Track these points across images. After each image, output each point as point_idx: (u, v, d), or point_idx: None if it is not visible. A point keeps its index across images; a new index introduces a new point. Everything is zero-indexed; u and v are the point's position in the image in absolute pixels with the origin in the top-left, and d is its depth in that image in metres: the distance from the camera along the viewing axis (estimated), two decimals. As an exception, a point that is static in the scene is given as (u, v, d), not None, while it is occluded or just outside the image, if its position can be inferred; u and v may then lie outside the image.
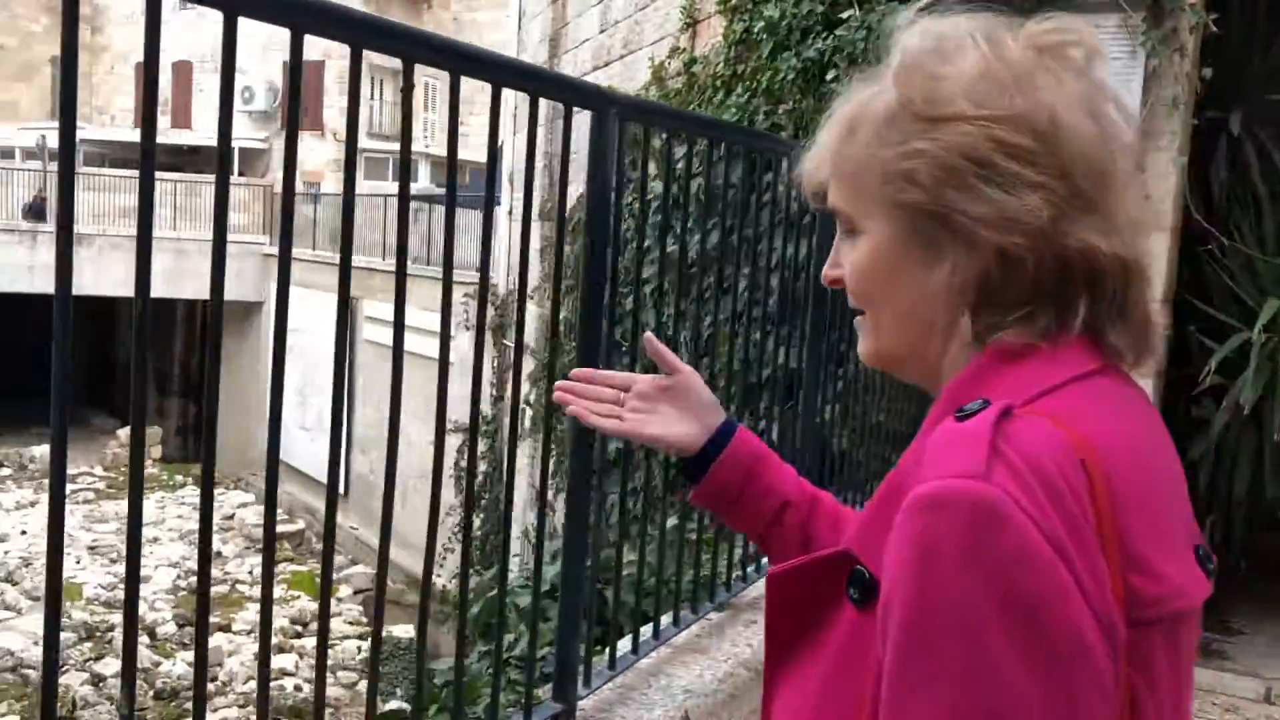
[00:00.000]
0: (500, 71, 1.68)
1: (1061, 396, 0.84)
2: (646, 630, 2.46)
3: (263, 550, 1.40)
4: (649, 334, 1.35)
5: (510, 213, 11.22)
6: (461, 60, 1.58)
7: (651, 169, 2.24)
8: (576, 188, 2.08)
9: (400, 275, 1.59)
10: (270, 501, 1.38)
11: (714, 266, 2.67)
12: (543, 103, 1.84)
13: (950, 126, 0.86)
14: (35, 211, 21.61)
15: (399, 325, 1.60)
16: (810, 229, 3.05)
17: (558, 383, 1.29)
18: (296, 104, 1.50)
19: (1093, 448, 0.80)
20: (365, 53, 1.42)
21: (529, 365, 9.31)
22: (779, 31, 4.91)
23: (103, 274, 20.87)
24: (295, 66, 1.40)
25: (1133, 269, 0.88)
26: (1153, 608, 0.79)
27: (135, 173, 1.20)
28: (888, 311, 0.94)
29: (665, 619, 2.52)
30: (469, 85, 1.61)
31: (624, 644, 2.33)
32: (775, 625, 0.96)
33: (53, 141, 24.67)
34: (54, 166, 23.71)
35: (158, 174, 1.23)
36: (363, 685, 12.05)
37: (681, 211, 2.73)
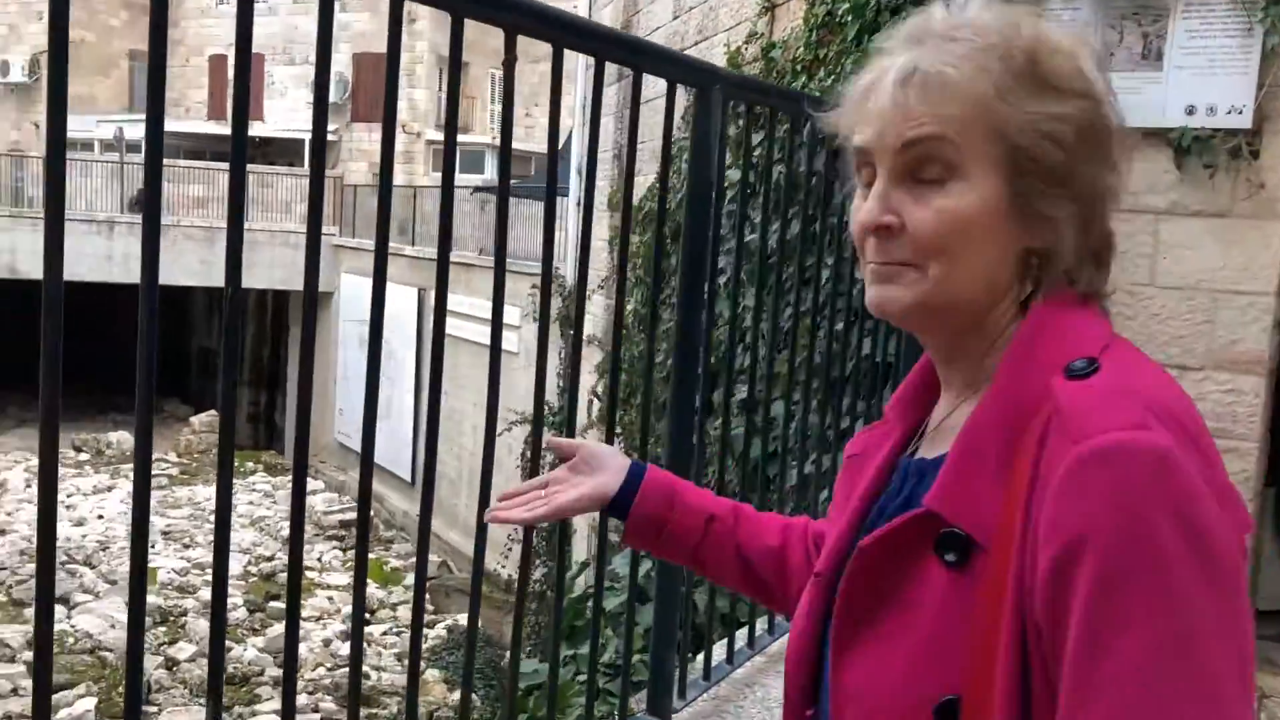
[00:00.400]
0: (603, 44, 1.58)
1: (1120, 350, 0.91)
2: (740, 636, 2.35)
3: (354, 574, 1.49)
4: (548, 437, 1.43)
5: (579, 204, 11.13)
6: (564, 31, 1.48)
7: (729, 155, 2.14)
8: (645, 178, 1.98)
9: (499, 265, 1.49)
10: (363, 514, 1.29)
11: (795, 256, 2.55)
12: (608, 88, 1.73)
13: (1076, 101, 0.91)
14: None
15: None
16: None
17: (493, 513, 1.32)
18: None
19: (1179, 392, 0.89)
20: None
21: (596, 356, 9.22)
22: (865, 13, 4.74)
23: (176, 264, 21.23)
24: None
25: (1114, 243, 0.98)
26: (1244, 532, 0.86)
27: (209, 164, 1.23)
28: (962, 266, 0.93)
29: (760, 624, 2.41)
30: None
31: (718, 651, 2.22)
32: (854, 595, 0.97)
33: (130, 134, 25.18)
34: (131, 158, 24.21)
35: (224, 166, 1.26)
36: (430, 674, 12.09)
37: (779, 196, 2.61)
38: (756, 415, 2.55)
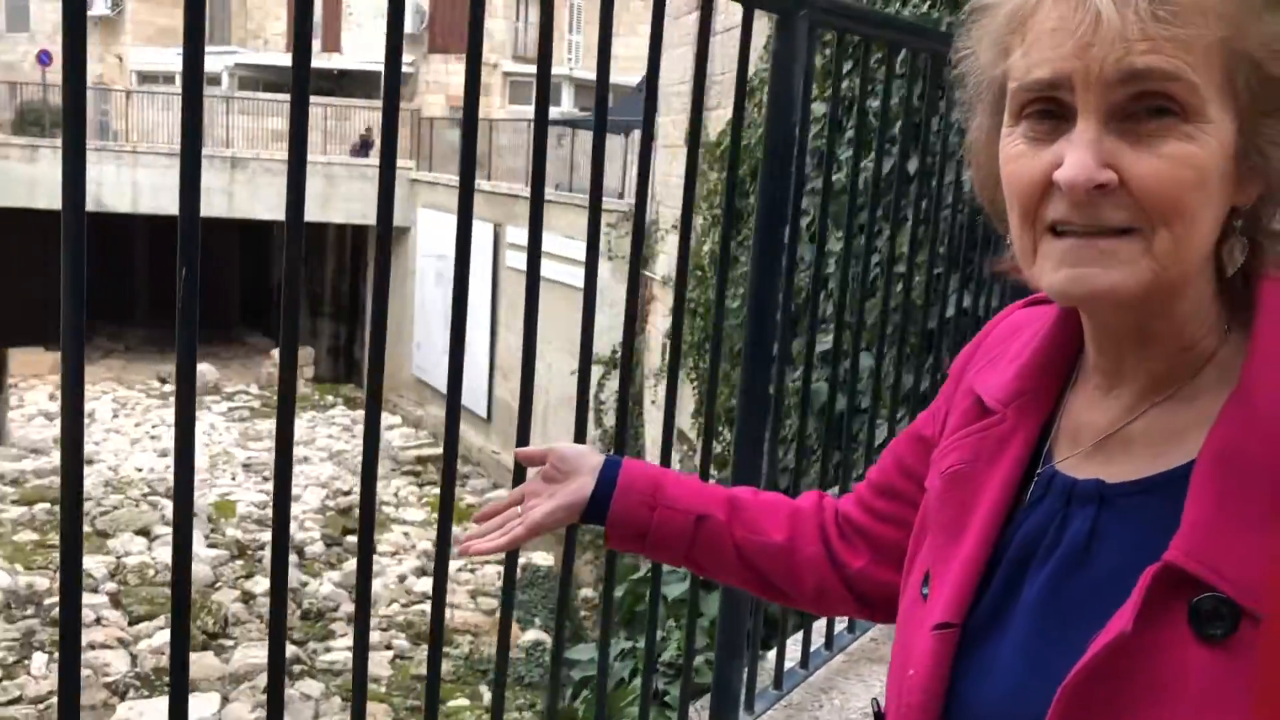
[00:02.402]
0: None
1: None
2: (817, 631, 2.11)
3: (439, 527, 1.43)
4: (516, 450, 1.30)
5: (655, 138, 10.82)
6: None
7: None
8: (722, 113, 1.76)
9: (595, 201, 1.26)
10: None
11: (887, 196, 2.31)
12: (688, 15, 1.49)
13: None
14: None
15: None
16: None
17: (464, 544, 1.22)
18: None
19: None
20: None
21: (670, 299, 8.97)
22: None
23: (255, 198, 21.39)
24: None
25: None
26: None
27: (288, 97, 1.18)
28: (1196, 231, 0.73)
29: (839, 621, 2.16)
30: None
31: (792, 649, 1.98)
32: (1092, 687, 0.72)
33: (212, 66, 25.30)
34: (213, 91, 24.34)
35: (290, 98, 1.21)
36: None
37: (870, 133, 2.36)
38: (841, 367, 2.37)
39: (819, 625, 2.12)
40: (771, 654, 1.97)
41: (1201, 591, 0.70)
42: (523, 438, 1.46)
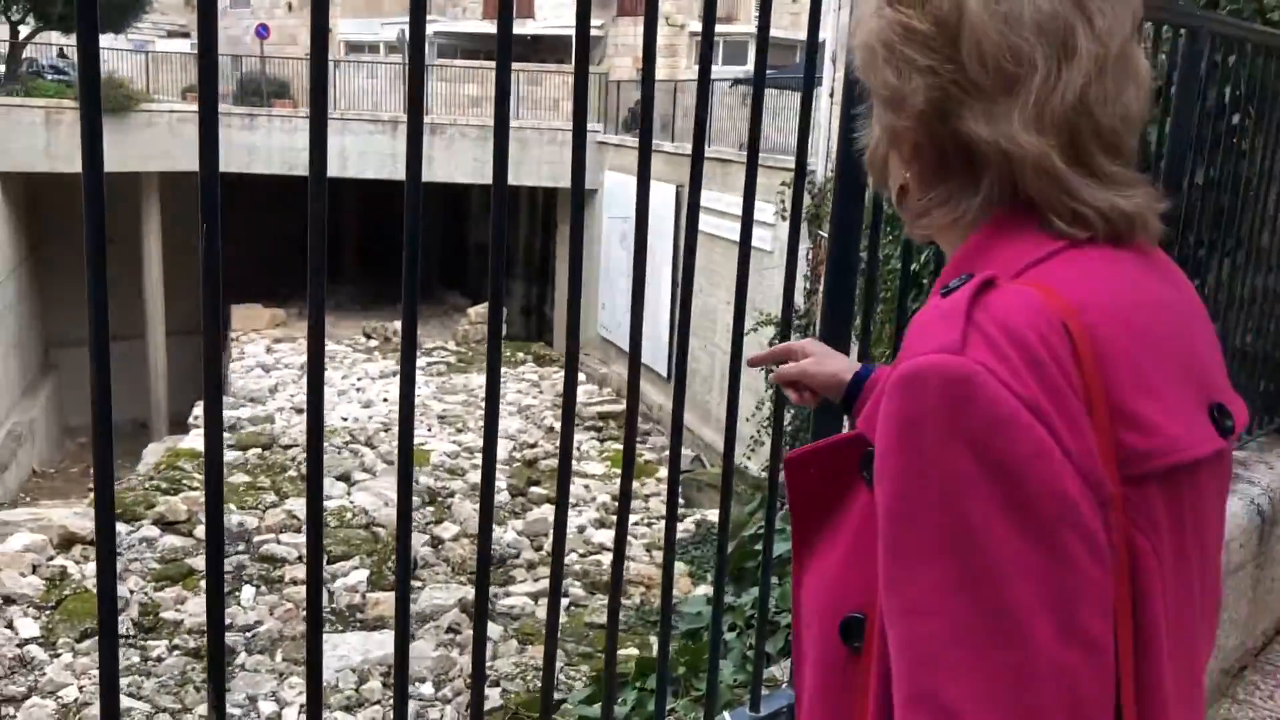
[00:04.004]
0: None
1: (1048, 266, 0.85)
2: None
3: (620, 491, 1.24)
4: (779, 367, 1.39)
5: (831, 94, 10.64)
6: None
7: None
8: None
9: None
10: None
11: None
12: None
13: (885, 11, 0.90)
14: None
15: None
16: None
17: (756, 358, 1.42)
18: None
19: (1076, 310, 0.80)
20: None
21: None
22: None
23: (452, 162, 22.20)
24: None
25: (1019, 161, 0.85)
26: (1148, 461, 0.80)
27: (484, 64, 1.22)
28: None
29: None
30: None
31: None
32: (798, 507, 0.99)
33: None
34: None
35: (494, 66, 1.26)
36: (678, 566, 12.38)
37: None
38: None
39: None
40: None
41: (869, 447, 0.88)
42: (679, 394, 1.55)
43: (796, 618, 1.01)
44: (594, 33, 27.40)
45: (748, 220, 1.64)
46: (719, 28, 26.61)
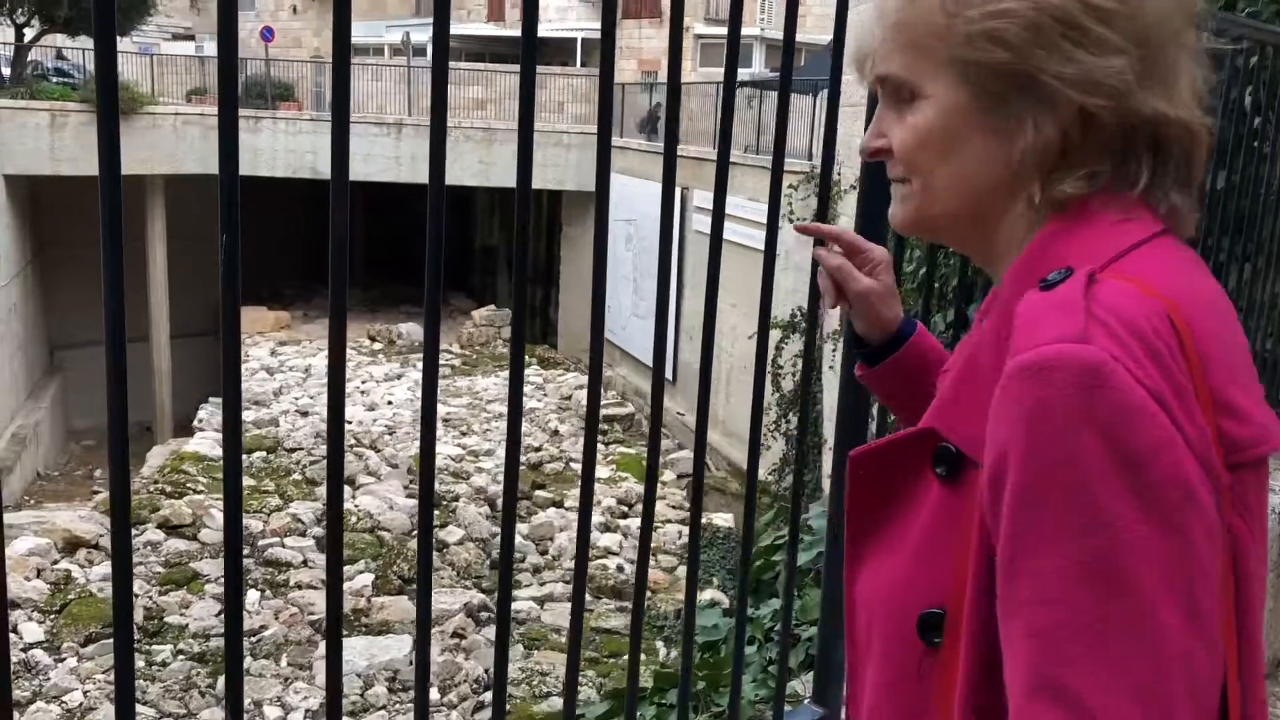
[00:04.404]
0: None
1: (1135, 259, 0.86)
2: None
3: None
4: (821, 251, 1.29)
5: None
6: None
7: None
8: None
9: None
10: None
11: None
12: None
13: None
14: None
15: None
16: None
17: (806, 226, 1.29)
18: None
19: (1176, 304, 0.82)
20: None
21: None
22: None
23: (458, 164, 22.15)
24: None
25: (1198, 135, 0.90)
26: (1246, 450, 0.83)
27: (489, 67, 1.21)
28: (943, 177, 0.94)
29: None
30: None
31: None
32: (859, 504, 1.00)
33: (416, 38, 26.32)
34: (418, 62, 25.34)
35: (505, 67, 1.21)
36: (681, 570, 12.35)
37: None
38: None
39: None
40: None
41: (940, 442, 0.91)
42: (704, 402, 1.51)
43: (851, 616, 1.01)
44: (593, 35, 27.37)
45: (773, 225, 1.60)
46: (723, 30, 26.49)
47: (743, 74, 21.54)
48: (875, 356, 1.27)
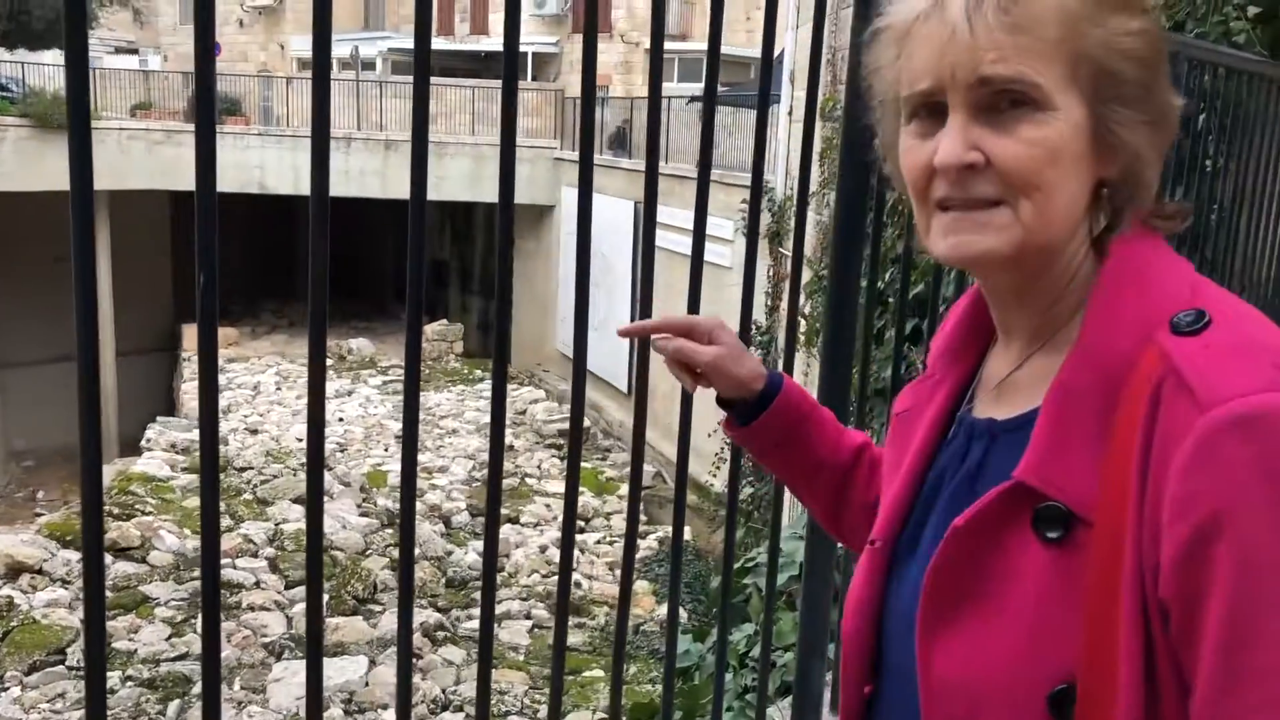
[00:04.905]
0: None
1: (1212, 292, 0.85)
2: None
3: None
4: (628, 330, 1.26)
5: (790, 112, 10.67)
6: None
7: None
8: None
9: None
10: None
11: None
12: None
13: (1147, 16, 0.86)
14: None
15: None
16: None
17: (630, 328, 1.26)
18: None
19: None
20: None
21: (806, 275, 8.87)
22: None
23: (407, 178, 21.97)
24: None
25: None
26: None
27: (438, 80, 1.15)
28: (1055, 202, 0.86)
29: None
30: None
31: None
32: (945, 578, 0.89)
33: (365, 51, 26.12)
34: (367, 76, 25.15)
35: (456, 81, 1.16)
36: (641, 584, 12.29)
37: None
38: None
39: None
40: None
41: (1042, 501, 0.84)
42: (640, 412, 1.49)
43: (932, 700, 0.90)
44: (549, 49, 27.37)
45: (699, 235, 1.61)
46: (673, 45, 26.72)
47: (692, 89, 21.63)
48: (747, 415, 1.22)
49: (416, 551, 12.93)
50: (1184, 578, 0.75)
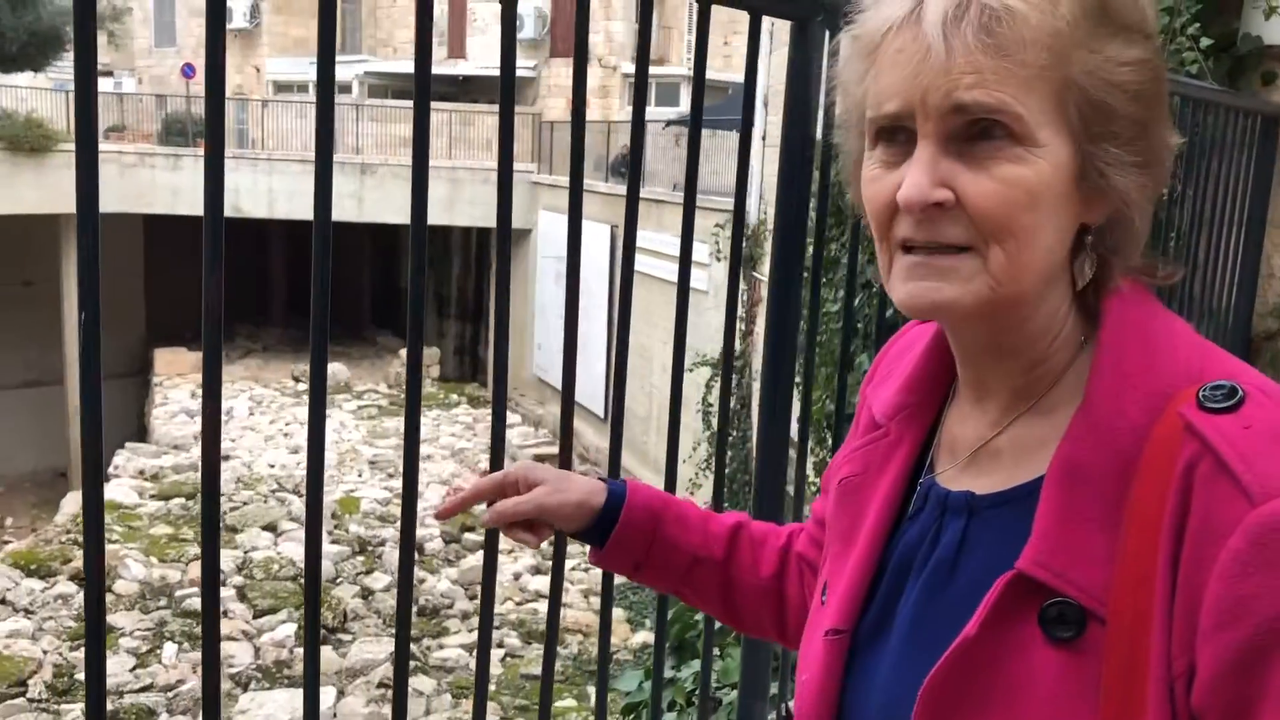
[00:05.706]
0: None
1: (1218, 355, 0.78)
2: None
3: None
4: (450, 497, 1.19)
5: (764, 137, 10.72)
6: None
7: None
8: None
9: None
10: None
11: None
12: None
13: (1149, 43, 0.76)
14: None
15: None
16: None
17: (451, 504, 1.20)
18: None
19: None
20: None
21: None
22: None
23: (384, 202, 21.96)
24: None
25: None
26: None
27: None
28: (1029, 251, 0.75)
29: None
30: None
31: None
32: (946, 689, 0.78)
33: (342, 75, 26.07)
34: (343, 99, 25.10)
35: (434, 105, 1.23)
36: (616, 612, 12.19)
37: None
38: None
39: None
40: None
41: (1050, 597, 0.74)
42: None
43: None
44: (527, 73, 27.40)
45: (686, 262, 1.58)
46: (651, 69, 26.70)
47: (670, 112, 21.71)
48: (600, 535, 1.11)
49: (388, 579, 12.84)
50: (1232, 689, 0.68)
